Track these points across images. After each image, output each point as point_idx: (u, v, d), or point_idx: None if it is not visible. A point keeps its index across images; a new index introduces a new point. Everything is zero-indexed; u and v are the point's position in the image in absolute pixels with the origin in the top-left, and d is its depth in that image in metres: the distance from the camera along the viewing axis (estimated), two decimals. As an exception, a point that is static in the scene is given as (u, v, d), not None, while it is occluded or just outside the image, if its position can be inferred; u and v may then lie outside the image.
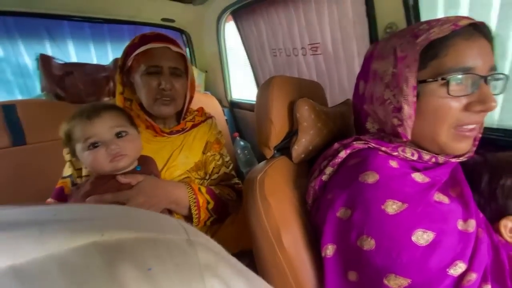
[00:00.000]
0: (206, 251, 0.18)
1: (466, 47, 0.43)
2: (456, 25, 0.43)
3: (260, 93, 0.69)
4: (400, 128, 0.48)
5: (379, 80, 0.51)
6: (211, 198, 0.75)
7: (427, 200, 0.42)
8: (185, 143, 0.82)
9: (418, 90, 0.46)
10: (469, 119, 0.45)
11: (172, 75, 0.76)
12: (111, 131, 0.61)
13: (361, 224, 0.42)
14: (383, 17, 0.79)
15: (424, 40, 0.44)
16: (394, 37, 0.51)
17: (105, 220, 0.17)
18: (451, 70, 0.43)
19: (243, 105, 1.68)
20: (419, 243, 0.39)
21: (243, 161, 1.50)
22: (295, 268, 0.52)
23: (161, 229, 0.18)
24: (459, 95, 0.44)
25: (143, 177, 0.64)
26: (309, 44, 1.15)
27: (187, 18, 1.62)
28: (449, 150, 0.48)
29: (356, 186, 0.45)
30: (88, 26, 1.57)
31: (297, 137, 0.66)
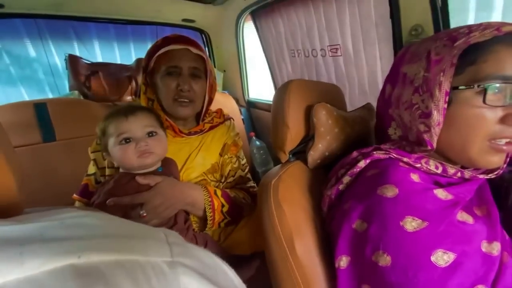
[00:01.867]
0: (189, 274, 0.18)
1: (508, 54, 0.40)
2: (499, 31, 0.40)
3: (276, 97, 0.69)
4: (426, 135, 0.45)
5: (409, 84, 0.49)
6: (226, 201, 0.76)
7: (450, 219, 0.39)
8: (203, 144, 0.83)
9: (450, 96, 0.43)
10: (505, 133, 0.42)
11: (191, 76, 0.77)
12: (144, 129, 0.65)
13: (377, 239, 0.41)
14: (409, 19, 0.76)
15: (463, 43, 0.41)
16: (428, 40, 0.48)
17: (87, 240, 0.17)
18: (489, 78, 0.40)
19: (260, 105, 1.68)
20: (438, 264, 0.37)
21: (259, 161, 1.50)
22: (307, 276, 0.51)
23: (144, 250, 0.18)
24: (496, 105, 0.40)
25: (162, 178, 0.66)
26: (328, 45, 1.12)
27: (207, 18, 1.64)
28: (480, 164, 0.45)
29: (374, 199, 0.43)
30: (113, 27, 1.63)
31: (313, 142, 0.65)
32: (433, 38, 0.48)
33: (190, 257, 0.20)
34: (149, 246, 0.19)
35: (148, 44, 1.82)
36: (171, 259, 0.18)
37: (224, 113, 0.96)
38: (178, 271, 0.18)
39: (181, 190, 0.69)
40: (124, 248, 0.18)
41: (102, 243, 0.18)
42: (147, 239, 0.20)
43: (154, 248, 0.19)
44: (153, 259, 0.18)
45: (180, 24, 1.63)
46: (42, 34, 1.46)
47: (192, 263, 0.19)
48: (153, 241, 0.20)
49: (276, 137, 0.68)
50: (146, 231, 0.22)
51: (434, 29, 0.72)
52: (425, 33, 0.74)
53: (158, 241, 0.20)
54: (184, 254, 0.20)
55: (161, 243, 0.20)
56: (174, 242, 0.20)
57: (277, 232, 0.55)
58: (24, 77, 1.50)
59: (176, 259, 0.18)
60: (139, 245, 0.19)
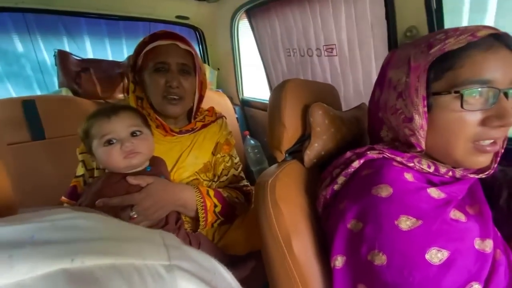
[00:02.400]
0: (186, 278, 0.17)
1: (483, 58, 0.41)
2: (474, 36, 0.41)
3: (273, 96, 0.69)
4: (412, 138, 0.47)
5: (393, 89, 0.50)
6: (219, 201, 0.76)
7: (443, 217, 0.40)
8: (195, 143, 0.82)
9: (431, 102, 0.45)
10: (487, 135, 0.43)
11: (180, 72, 0.75)
12: (127, 129, 0.64)
13: (372, 238, 0.41)
14: (404, 20, 0.76)
15: (437, 51, 0.43)
16: (410, 45, 0.50)
17: (81, 243, 0.17)
18: (466, 83, 0.41)
19: (255, 103, 1.68)
20: (433, 262, 0.37)
21: (253, 160, 1.50)
22: (304, 275, 0.52)
23: (140, 253, 0.18)
24: (474, 109, 0.42)
25: (153, 179, 0.65)
26: (324, 45, 1.13)
27: (201, 15, 1.62)
28: (467, 164, 0.46)
29: (369, 199, 0.44)
30: (104, 23, 1.60)
31: (309, 141, 0.65)
32: (414, 44, 0.49)
33: (187, 260, 0.19)
34: (146, 249, 0.19)
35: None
36: (168, 262, 0.18)
37: (217, 111, 0.94)
38: (175, 274, 0.17)
39: (172, 192, 0.68)
40: (120, 252, 0.17)
41: (96, 246, 0.17)
42: (144, 242, 0.19)
43: (151, 251, 0.18)
44: (150, 263, 0.17)
45: (173, 21, 1.61)
46: (31, 29, 1.41)
47: (190, 267, 0.19)
48: (149, 244, 0.19)
49: (272, 136, 0.68)
50: (142, 233, 0.21)
51: (429, 30, 0.73)
52: (420, 34, 0.75)
53: (155, 244, 0.20)
54: (182, 257, 0.19)
55: (158, 246, 0.19)
56: (171, 244, 0.20)
57: (274, 231, 0.54)
58: (11, 73, 1.45)
59: (173, 263, 0.18)
60: (135, 248, 0.18)
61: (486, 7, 0.66)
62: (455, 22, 0.70)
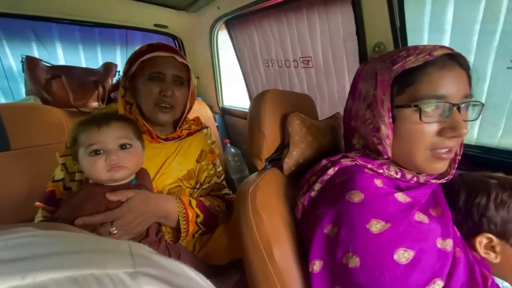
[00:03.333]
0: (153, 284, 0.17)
1: (439, 76, 0.46)
2: (431, 55, 0.46)
3: (252, 106, 0.70)
4: (380, 146, 0.51)
5: (363, 100, 0.54)
6: (201, 211, 0.76)
7: (408, 220, 0.43)
8: (180, 149, 0.83)
9: (395, 114, 0.49)
10: (443, 144, 0.48)
11: (174, 83, 0.78)
12: (116, 141, 0.62)
13: (347, 242, 0.44)
14: (372, 37, 0.83)
15: (399, 68, 0.47)
16: (378, 60, 0.54)
17: (35, 259, 0.16)
18: (424, 97, 0.46)
19: (235, 112, 1.69)
20: (400, 262, 0.40)
21: (234, 168, 1.50)
22: (285, 280, 0.53)
23: (102, 263, 0.17)
24: (431, 121, 0.46)
25: (134, 192, 0.64)
26: (301, 57, 1.18)
27: (180, 24, 1.62)
28: (427, 170, 0.50)
29: (343, 205, 0.46)
30: (78, 29, 1.54)
31: (288, 150, 0.68)
32: (381, 59, 0.53)
33: (155, 267, 0.19)
34: (108, 258, 0.18)
35: (117, 48, 1.76)
36: (133, 270, 0.17)
37: (201, 121, 0.97)
38: (141, 281, 0.17)
39: (155, 204, 0.67)
40: (79, 264, 0.17)
41: (52, 261, 0.16)
42: (108, 253, 0.19)
43: (114, 260, 0.18)
44: (112, 271, 0.17)
45: (152, 29, 1.59)
46: (-5, 33, 1.33)
47: (158, 273, 0.18)
48: (113, 254, 0.19)
49: (252, 145, 0.69)
50: (108, 245, 0.20)
51: (394, 46, 0.80)
52: (387, 49, 0.81)
53: (120, 253, 0.19)
54: (149, 265, 0.19)
55: (122, 255, 0.19)
56: (138, 253, 0.20)
57: (255, 239, 0.55)
58: (-28, 79, 1.35)
59: (139, 270, 0.18)
60: (96, 258, 0.18)
61: (443, 28, 0.74)
62: (416, 39, 0.78)
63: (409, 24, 0.77)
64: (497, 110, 0.72)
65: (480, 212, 0.48)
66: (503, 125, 0.73)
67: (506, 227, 0.46)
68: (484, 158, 0.75)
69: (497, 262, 0.47)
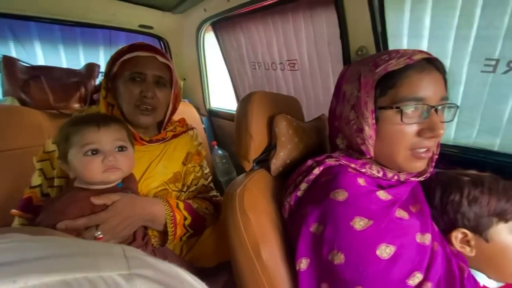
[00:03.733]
0: (148, 285, 0.17)
1: (418, 79, 0.48)
2: (411, 59, 0.48)
3: (240, 107, 0.71)
4: (363, 146, 0.53)
5: (347, 102, 0.56)
6: (189, 214, 0.75)
7: (390, 216, 0.45)
8: (165, 152, 0.81)
9: (377, 115, 0.51)
10: (422, 144, 0.50)
11: (156, 84, 0.76)
12: (114, 143, 0.62)
13: (332, 239, 0.45)
14: (355, 41, 0.86)
15: (382, 70, 0.49)
16: (361, 62, 0.56)
17: (26, 263, 0.16)
18: (404, 99, 0.48)
19: (222, 114, 1.69)
20: (382, 257, 0.42)
21: (221, 170, 1.49)
22: (273, 280, 0.53)
23: (95, 266, 0.17)
24: (411, 122, 0.49)
25: (119, 196, 0.62)
26: (287, 60, 1.20)
27: (166, 25, 1.60)
28: (407, 169, 0.53)
29: (327, 203, 0.48)
30: (59, 28, 1.49)
31: (275, 151, 0.69)
32: (364, 61, 0.56)
33: (150, 269, 0.19)
34: (102, 261, 0.18)
35: (101, 48, 1.71)
36: (128, 272, 0.17)
37: (187, 123, 0.95)
38: (136, 282, 0.17)
39: (141, 207, 0.66)
40: (70, 267, 0.16)
41: (43, 264, 0.16)
42: (100, 255, 0.19)
43: (108, 263, 0.18)
44: (106, 274, 0.16)
45: (137, 30, 1.57)
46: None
47: (154, 275, 0.18)
48: (107, 257, 0.19)
49: (240, 146, 0.70)
50: (99, 247, 0.20)
51: (376, 50, 0.83)
52: (369, 53, 0.84)
53: (113, 256, 0.19)
54: (144, 266, 0.18)
55: (116, 258, 0.18)
56: (132, 256, 0.19)
57: (243, 240, 0.55)
58: None
59: (134, 271, 0.17)
60: (89, 261, 0.17)
61: (422, 34, 0.77)
62: (397, 44, 0.81)
63: (389, 29, 0.80)
64: (472, 111, 0.77)
65: (455, 208, 0.51)
66: (477, 126, 0.77)
67: (479, 222, 0.49)
68: (460, 157, 0.79)
69: (473, 255, 0.50)
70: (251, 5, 1.12)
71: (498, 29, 0.65)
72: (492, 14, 0.65)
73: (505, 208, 0.48)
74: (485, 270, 0.50)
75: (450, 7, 0.71)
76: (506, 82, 0.69)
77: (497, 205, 0.48)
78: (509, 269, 0.49)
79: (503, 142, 0.74)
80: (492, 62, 0.69)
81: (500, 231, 0.48)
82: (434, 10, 0.74)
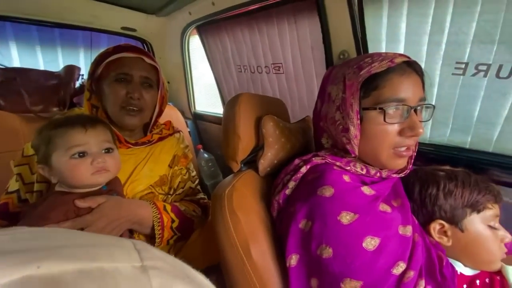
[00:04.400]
0: (161, 276, 0.17)
1: (399, 81, 0.51)
2: (392, 62, 0.51)
3: (227, 109, 0.72)
4: (348, 146, 0.55)
5: (332, 102, 0.58)
6: (176, 216, 0.74)
7: (374, 210, 0.48)
8: (151, 155, 0.80)
9: (362, 115, 0.53)
10: (403, 143, 0.53)
11: (142, 85, 0.75)
12: (101, 145, 0.60)
13: (320, 234, 0.47)
14: (337, 45, 0.89)
15: (366, 73, 0.52)
16: (345, 65, 0.59)
17: (44, 251, 0.16)
18: (387, 101, 0.51)
19: (207, 117, 1.68)
20: (368, 249, 0.44)
21: (207, 174, 1.48)
22: (263, 279, 0.54)
23: (110, 257, 0.17)
24: (393, 122, 0.52)
25: (104, 198, 0.61)
26: (272, 63, 1.22)
27: (150, 28, 1.59)
28: (390, 167, 0.56)
29: (315, 200, 0.50)
30: (36, 29, 1.43)
31: (263, 151, 0.70)
32: (348, 64, 0.58)
33: (160, 261, 0.19)
34: (115, 253, 0.18)
35: (81, 50, 1.66)
36: (140, 263, 0.17)
37: (173, 125, 0.95)
38: (149, 274, 0.17)
39: (127, 209, 0.65)
40: (88, 257, 0.16)
41: (63, 252, 0.16)
42: (112, 247, 0.19)
43: (121, 255, 0.18)
44: (121, 265, 0.17)
45: (119, 32, 1.54)
46: None
47: (164, 266, 0.19)
48: (119, 248, 0.19)
49: (227, 148, 0.70)
50: (110, 240, 0.20)
51: (357, 54, 0.87)
52: (350, 57, 0.88)
53: (125, 248, 0.19)
54: (155, 258, 0.19)
55: (128, 250, 0.19)
56: (142, 248, 0.20)
57: (233, 240, 0.56)
58: None
59: (146, 263, 0.18)
60: (104, 252, 0.18)
61: (398, 39, 0.82)
62: (376, 48, 0.86)
63: (369, 34, 0.84)
64: (446, 111, 0.82)
65: (432, 201, 0.54)
66: (451, 125, 0.83)
67: (454, 213, 0.53)
68: (436, 154, 0.84)
69: (449, 245, 0.53)
70: (236, 9, 1.14)
71: (466, 35, 0.71)
72: (461, 21, 0.71)
73: (477, 200, 0.52)
74: (461, 258, 0.53)
75: (423, 14, 0.76)
76: (475, 84, 0.74)
77: (470, 197, 0.52)
78: (483, 256, 0.52)
79: (473, 140, 0.80)
80: (462, 66, 0.74)
81: (473, 221, 0.52)
82: (409, 16, 0.79)
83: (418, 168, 0.62)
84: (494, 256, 0.52)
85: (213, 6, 1.20)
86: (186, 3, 1.30)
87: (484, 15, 0.67)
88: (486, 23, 0.67)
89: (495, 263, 0.52)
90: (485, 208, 0.52)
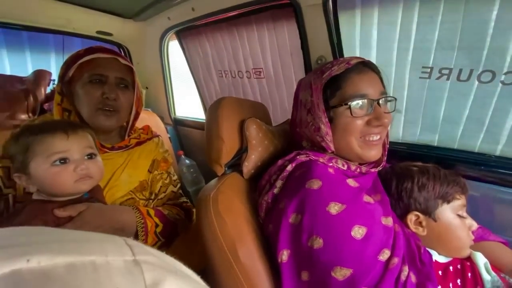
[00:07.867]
0: (153, 270, 0.17)
1: (358, 79, 0.58)
2: (349, 64, 0.58)
3: (210, 113, 0.72)
4: (323, 143, 0.60)
5: (303, 107, 0.63)
6: (160, 220, 0.73)
7: (360, 201, 0.51)
8: (129, 161, 0.78)
9: (332, 114, 0.59)
10: (370, 131, 0.58)
11: (118, 86, 0.74)
12: (84, 151, 0.58)
13: (310, 226, 0.49)
14: (315, 51, 0.93)
15: (327, 76, 0.58)
16: (311, 73, 0.65)
17: (33, 245, 0.16)
18: (350, 97, 0.57)
19: (188, 122, 1.66)
20: (356, 237, 0.47)
21: (189, 180, 1.46)
22: (252, 280, 0.54)
23: (102, 251, 0.17)
24: (359, 115, 0.57)
25: (85, 205, 0.59)
26: (253, 68, 1.24)
27: (127, 33, 1.55)
28: (365, 157, 0.60)
29: (304, 193, 0.52)
30: (1, 31, 1.35)
31: (247, 154, 0.70)
32: (314, 71, 0.65)
33: (151, 255, 0.19)
34: (107, 247, 0.18)
35: (52, 54, 1.58)
36: (133, 257, 0.17)
37: (151, 130, 0.93)
38: (142, 267, 0.17)
39: (110, 215, 0.62)
40: (80, 251, 0.16)
41: (54, 246, 0.16)
42: (104, 242, 0.19)
43: (113, 249, 0.18)
44: (114, 259, 0.16)
45: (94, 36, 1.48)
46: None
47: (156, 261, 0.19)
48: (111, 243, 0.19)
49: (211, 151, 0.70)
50: (101, 236, 0.20)
51: (333, 59, 0.91)
52: (327, 62, 0.92)
53: (117, 243, 0.19)
54: (147, 253, 0.19)
55: (120, 245, 0.19)
56: (133, 244, 0.19)
57: (219, 242, 0.56)
58: None
59: (139, 258, 0.18)
60: (96, 246, 0.18)
61: (371, 45, 0.88)
62: (351, 53, 0.91)
63: (344, 41, 0.89)
64: (415, 112, 0.88)
65: (408, 194, 0.58)
66: (420, 124, 0.89)
67: (427, 204, 0.57)
68: (408, 152, 0.90)
69: (425, 234, 0.57)
70: (216, 15, 1.15)
71: (430, 42, 0.77)
72: (425, 29, 0.77)
73: (447, 191, 0.57)
74: (435, 247, 0.57)
75: (392, 22, 0.82)
76: (439, 87, 0.81)
77: (441, 189, 0.57)
78: (454, 243, 0.57)
79: (440, 138, 0.87)
80: (428, 70, 0.81)
81: (444, 211, 0.57)
82: (380, 25, 0.85)
83: (395, 165, 0.67)
84: (464, 243, 0.57)
85: (193, 11, 1.21)
86: (164, 8, 1.29)
87: (445, 24, 0.74)
88: (447, 31, 0.74)
89: (465, 249, 0.57)
90: (454, 199, 0.57)
